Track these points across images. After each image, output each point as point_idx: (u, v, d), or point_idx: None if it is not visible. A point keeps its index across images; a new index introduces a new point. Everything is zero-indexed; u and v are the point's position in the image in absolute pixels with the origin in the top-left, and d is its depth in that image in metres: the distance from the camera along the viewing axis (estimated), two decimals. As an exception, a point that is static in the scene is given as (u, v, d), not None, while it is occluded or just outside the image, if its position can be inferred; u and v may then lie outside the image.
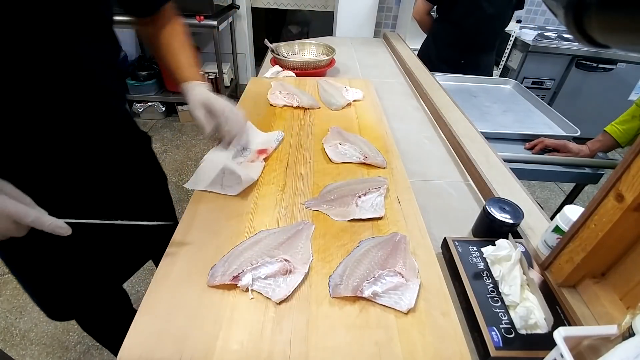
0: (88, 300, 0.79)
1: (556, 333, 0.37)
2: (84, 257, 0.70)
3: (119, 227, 0.52)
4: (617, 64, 2.39)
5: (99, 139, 0.62)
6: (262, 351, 0.42)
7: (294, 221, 0.60)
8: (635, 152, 0.39)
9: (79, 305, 0.78)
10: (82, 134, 0.59)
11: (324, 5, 2.82)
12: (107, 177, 0.67)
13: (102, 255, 0.73)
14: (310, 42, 1.40)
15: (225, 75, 2.67)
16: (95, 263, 0.73)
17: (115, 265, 0.79)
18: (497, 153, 0.86)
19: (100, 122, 0.61)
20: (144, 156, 0.79)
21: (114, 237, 0.73)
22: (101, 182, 0.66)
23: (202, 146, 2.49)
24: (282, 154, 0.77)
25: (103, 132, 0.63)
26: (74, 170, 0.61)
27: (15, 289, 1.46)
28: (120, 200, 0.71)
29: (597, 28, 0.26)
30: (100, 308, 0.87)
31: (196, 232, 0.56)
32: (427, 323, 0.45)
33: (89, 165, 0.63)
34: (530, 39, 2.39)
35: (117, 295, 0.95)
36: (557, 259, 0.51)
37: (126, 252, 0.80)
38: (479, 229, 0.63)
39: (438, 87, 1.20)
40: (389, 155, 0.77)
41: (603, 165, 1.09)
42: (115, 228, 0.53)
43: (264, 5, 2.84)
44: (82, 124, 0.58)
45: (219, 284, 0.48)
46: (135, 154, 0.75)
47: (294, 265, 0.51)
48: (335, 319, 0.45)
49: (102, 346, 1.24)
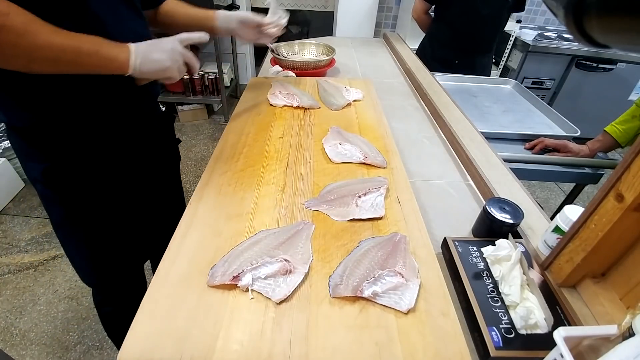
0: (116, 269, 0.85)
1: (556, 333, 0.37)
2: (123, 229, 0.80)
3: (147, 207, 0.73)
4: (617, 64, 2.39)
5: (139, 120, 0.74)
6: (262, 351, 0.42)
7: (294, 221, 0.60)
8: (635, 152, 0.39)
9: (107, 272, 0.85)
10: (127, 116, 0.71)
11: (324, 5, 2.82)
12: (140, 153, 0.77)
13: (135, 231, 0.83)
14: (310, 42, 1.40)
15: (225, 75, 2.67)
16: (130, 237, 0.82)
17: (141, 243, 0.88)
18: (497, 153, 0.86)
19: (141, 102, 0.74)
20: (167, 133, 0.90)
21: (141, 215, 0.83)
22: (135, 159, 0.77)
23: (202, 146, 2.49)
24: (282, 154, 0.77)
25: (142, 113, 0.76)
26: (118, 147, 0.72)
27: (15, 289, 1.47)
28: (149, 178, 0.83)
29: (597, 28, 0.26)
30: (121, 281, 0.93)
31: (196, 232, 0.56)
32: (427, 323, 0.45)
33: (129, 142, 0.74)
34: (530, 39, 2.39)
35: (138, 277, 1.00)
36: (557, 259, 0.51)
37: (150, 233, 0.89)
38: (479, 229, 0.63)
39: (438, 87, 1.20)
40: (389, 155, 0.77)
41: (603, 165, 1.09)
42: (143, 208, 0.75)
43: (264, 5, 2.84)
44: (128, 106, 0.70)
45: (219, 284, 0.48)
46: (161, 131, 0.86)
47: (294, 265, 0.50)
48: (335, 319, 0.45)
49: (101, 347, 1.25)
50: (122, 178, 0.74)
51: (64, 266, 1.56)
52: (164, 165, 0.89)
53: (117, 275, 0.88)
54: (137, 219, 0.82)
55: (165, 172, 0.91)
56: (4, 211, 1.84)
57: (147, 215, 0.86)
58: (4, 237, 1.69)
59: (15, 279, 1.50)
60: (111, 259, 0.82)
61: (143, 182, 0.80)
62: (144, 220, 0.85)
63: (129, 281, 0.94)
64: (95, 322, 1.37)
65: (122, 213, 0.78)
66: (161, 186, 0.89)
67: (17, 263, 1.57)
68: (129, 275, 0.94)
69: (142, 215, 0.84)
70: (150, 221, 0.88)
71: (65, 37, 0.52)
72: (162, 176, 0.89)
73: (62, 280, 1.51)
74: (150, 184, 0.83)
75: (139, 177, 0.79)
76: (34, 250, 1.63)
